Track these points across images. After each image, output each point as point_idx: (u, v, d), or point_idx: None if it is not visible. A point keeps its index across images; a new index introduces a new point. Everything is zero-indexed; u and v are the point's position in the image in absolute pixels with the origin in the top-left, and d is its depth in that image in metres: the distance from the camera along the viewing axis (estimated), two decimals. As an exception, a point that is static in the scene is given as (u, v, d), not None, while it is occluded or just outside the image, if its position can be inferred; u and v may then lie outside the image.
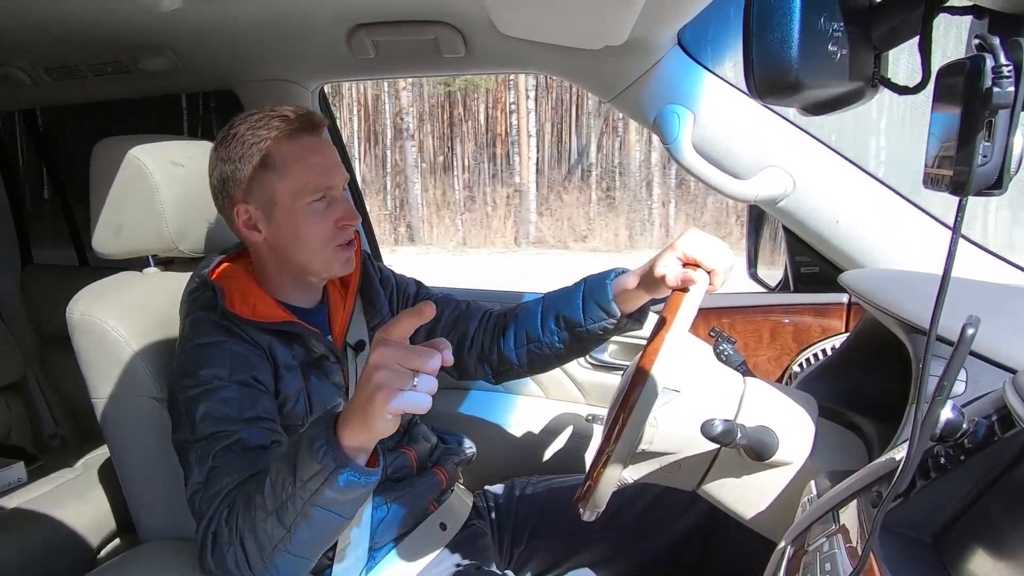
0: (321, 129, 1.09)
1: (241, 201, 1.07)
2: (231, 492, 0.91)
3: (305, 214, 1.05)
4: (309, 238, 1.06)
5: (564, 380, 1.61)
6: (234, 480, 0.92)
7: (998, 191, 0.48)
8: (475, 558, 1.19)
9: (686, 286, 0.94)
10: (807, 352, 1.43)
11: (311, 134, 1.07)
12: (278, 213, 1.06)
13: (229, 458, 0.94)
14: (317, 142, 1.07)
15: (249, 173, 1.05)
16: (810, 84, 0.57)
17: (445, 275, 6.98)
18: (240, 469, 0.93)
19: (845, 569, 0.63)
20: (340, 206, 1.08)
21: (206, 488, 0.93)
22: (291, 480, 0.81)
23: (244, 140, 1.04)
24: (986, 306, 0.90)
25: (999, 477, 0.61)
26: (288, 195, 1.04)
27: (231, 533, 0.87)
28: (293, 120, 1.05)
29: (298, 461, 0.80)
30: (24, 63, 1.70)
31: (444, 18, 1.36)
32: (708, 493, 0.97)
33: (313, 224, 1.06)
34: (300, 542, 0.84)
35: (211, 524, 0.90)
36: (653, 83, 1.34)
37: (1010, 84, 0.46)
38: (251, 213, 1.07)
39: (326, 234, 1.07)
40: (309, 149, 1.06)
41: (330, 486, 0.79)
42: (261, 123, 1.04)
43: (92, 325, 1.15)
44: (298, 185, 1.04)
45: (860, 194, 1.29)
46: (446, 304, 1.29)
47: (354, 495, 0.82)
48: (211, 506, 0.91)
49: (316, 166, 1.05)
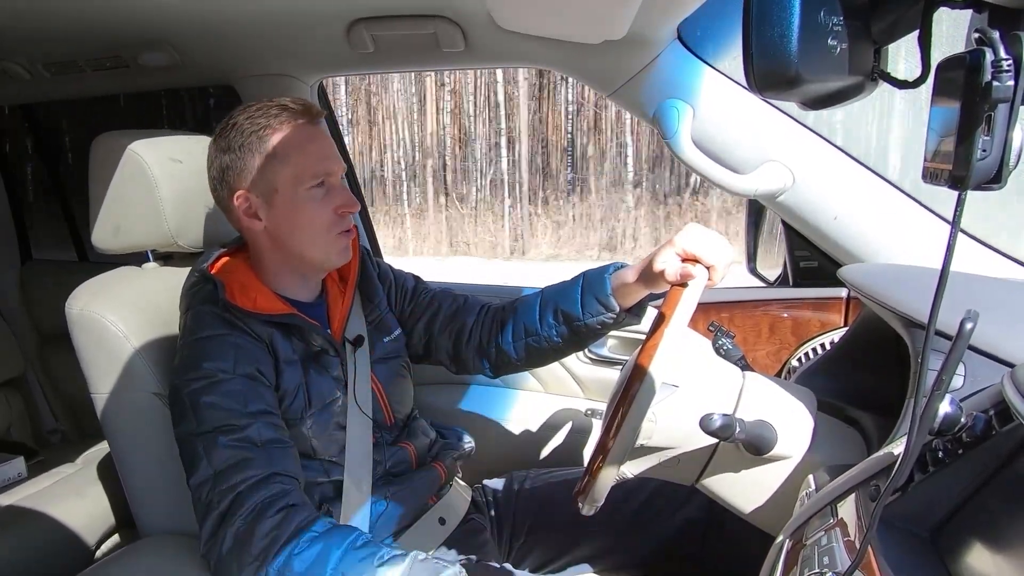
0: (318, 119, 1.10)
1: (241, 189, 1.08)
2: (246, 491, 0.93)
3: (305, 200, 1.06)
4: (309, 224, 1.07)
5: (563, 375, 1.62)
6: (248, 477, 0.93)
7: (997, 185, 0.48)
8: (474, 552, 1.19)
9: (685, 281, 0.94)
10: (806, 347, 1.43)
11: (309, 123, 1.08)
12: (278, 200, 1.07)
13: (239, 453, 0.95)
14: (315, 131, 1.09)
15: (249, 161, 1.06)
16: (810, 78, 0.57)
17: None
18: (253, 466, 0.94)
19: (843, 562, 0.63)
20: (339, 193, 1.09)
21: (217, 481, 0.94)
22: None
23: (243, 129, 1.06)
24: (984, 300, 0.90)
25: (997, 471, 0.61)
26: (288, 181, 1.05)
27: (267, 549, 0.92)
28: (292, 109, 1.07)
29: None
30: (23, 58, 1.70)
31: (443, 12, 1.36)
32: (707, 487, 0.97)
33: (312, 210, 1.07)
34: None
35: (231, 521, 0.92)
36: (652, 77, 1.34)
37: (1010, 78, 0.46)
38: (251, 201, 1.08)
39: (325, 220, 1.07)
40: (307, 137, 1.07)
41: None
42: (260, 113, 1.06)
43: (91, 321, 1.15)
44: (298, 171, 1.05)
45: (859, 189, 1.29)
46: (444, 298, 1.29)
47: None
48: (225, 500, 0.93)
49: (315, 153, 1.07)
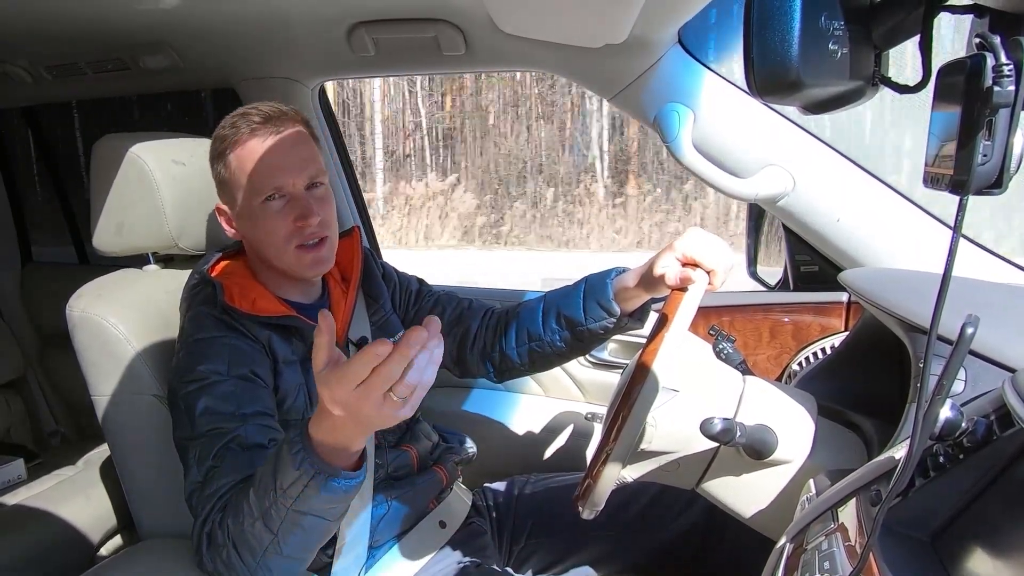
0: (287, 126, 1.06)
1: (220, 200, 1.10)
2: (225, 494, 0.92)
3: (262, 213, 1.05)
4: (268, 237, 1.06)
5: (564, 378, 1.62)
6: (230, 481, 0.92)
7: (998, 190, 0.48)
8: (475, 556, 1.19)
9: (685, 286, 0.94)
10: (806, 351, 1.43)
11: (273, 133, 1.05)
12: (241, 212, 1.07)
13: (227, 457, 0.94)
14: (279, 140, 1.05)
15: (219, 174, 1.08)
16: (811, 83, 0.57)
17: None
18: (237, 469, 0.93)
19: (844, 567, 0.63)
20: (299, 204, 1.05)
21: (203, 488, 0.93)
22: (272, 487, 0.81)
23: (215, 141, 1.08)
24: (985, 305, 0.90)
25: (998, 476, 0.61)
26: (245, 194, 1.05)
27: (224, 535, 0.88)
28: (253, 119, 1.05)
29: (278, 469, 0.80)
30: (24, 60, 1.70)
31: (444, 16, 1.36)
32: (707, 491, 0.97)
33: (270, 223, 1.05)
34: (289, 545, 0.85)
35: (206, 524, 0.91)
36: (653, 81, 1.34)
37: (1010, 83, 0.46)
38: (227, 213, 1.10)
39: (285, 232, 1.05)
40: (267, 148, 1.04)
41: (312, 493, 0.79)
42: (229, 124, 1.06)
43: (92, 322, 1.15)
44: (252, 184, 1.04)
45: (860, 193, 1.29)
46: (448, 302, 1.29)
47: (336, 500, 0.82)
48: (207, 506, 0.92)
49: (270, 165, 1.04)
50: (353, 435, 0.77)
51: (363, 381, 0.69)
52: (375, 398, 0.70)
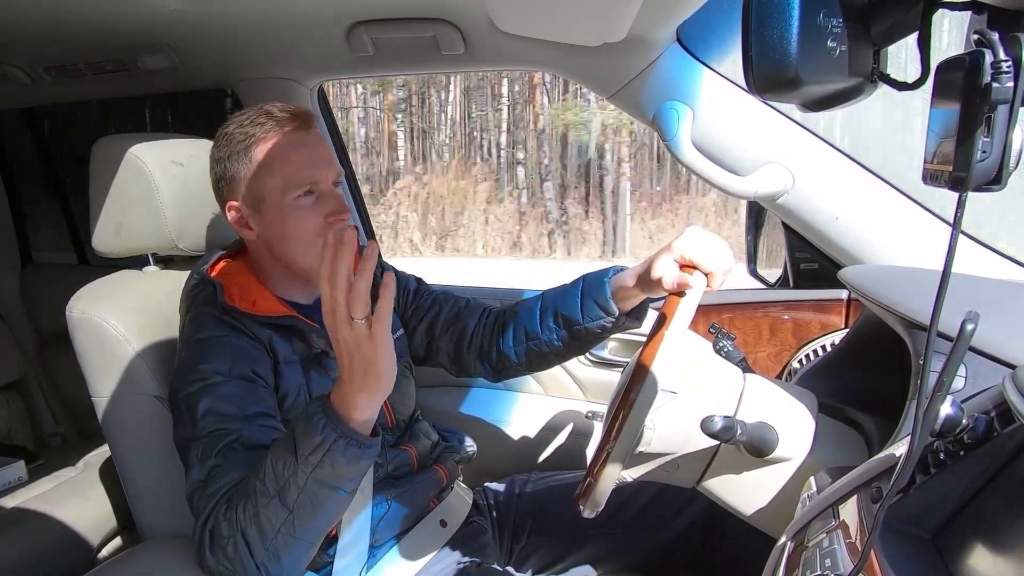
0: (309, 125, 1.09)
1: (232, 200, 1.09)
2: (229, 491, 0.92)
3: (293, 209, 1.05)
4: (298, 233, 1.06)
5: (564, 377, 1.62)
6: (233, 479, 0.92)
7: (997, 187, 0.48)
8: (475, 555, 1.19)
9: (682, 290, 0.94)
10: (807, 348, 1.43)
11: (299, 130, 1.07)
12: (266, 209, 1.07)
13: (229, 457, 0.94)
14: (304, 137, 1.07)
15: (238, 172, 1.07)
16: (809, 80, 0.57)
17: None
18: (240, 468, 0.93)
19: (845, 564, 0.63)
20: (329, 200, 1.07)
21: (205, 486, 0.93)
22: (292, 458, 0.84)
23: (233, 139, 1.07)
24: (985, 302, 0.90)
25: (998, 472, 0.61)
26: (275, 191, 1.05)
27: (231, 526, 0.88)
28: (280, 117, 1.06)
29: (297, 439, 0.84)
30: (23, 61, 1.70)
31: (443, 15, 1.36)
32: (708, 489, 0.97)
33: (301, 219, 1.06)
34: (303, 522, 0.86)
35: (209, 521, 0.91)
36: (652, 80, 1.34)
37: (1009, 79, 0.46)
38: (241, 212, 1.09)
39: (315, 229, 1.06)
40: (295, 145, 1.06)
41: (333, 457, 0.83)
42: (249, 121, 1.06)
43: (92, 323, 1.15)
44: (284, 181, 1.05)
45: (859, 190, 1.29)
46: (445, 301, 1.29)
47: (357, 467, 0.85)
48: (209, 504, 0.92)
49: (301, 161, 1.05)
50: (365, 392, 0.83)
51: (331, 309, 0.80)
52: (342, 315, 0.79)
